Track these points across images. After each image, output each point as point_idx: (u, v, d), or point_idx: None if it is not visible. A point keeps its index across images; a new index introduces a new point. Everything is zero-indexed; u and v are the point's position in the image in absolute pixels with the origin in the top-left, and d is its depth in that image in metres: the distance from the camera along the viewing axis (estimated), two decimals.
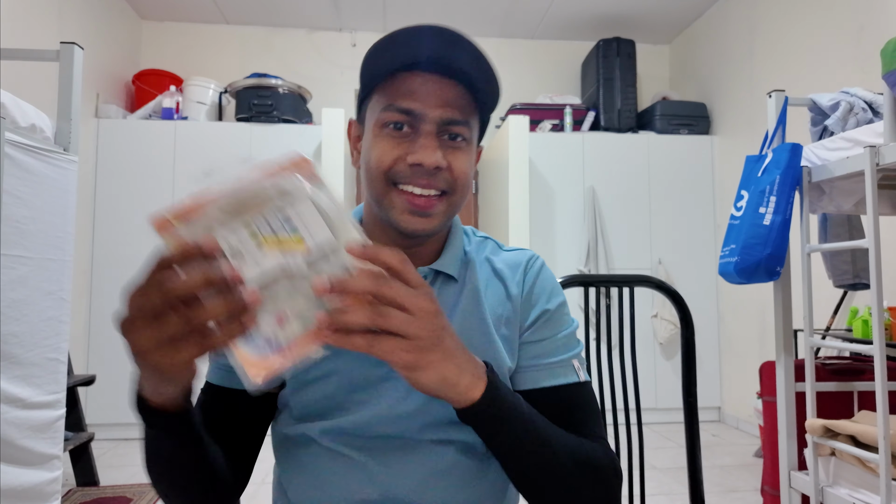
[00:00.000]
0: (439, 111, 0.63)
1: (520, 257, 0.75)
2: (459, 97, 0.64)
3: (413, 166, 0.62)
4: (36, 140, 1.48)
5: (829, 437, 1.47)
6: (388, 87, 0.64)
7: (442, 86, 0.63)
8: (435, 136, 0.63)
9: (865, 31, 2.61)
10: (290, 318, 0.44)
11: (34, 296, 1.46)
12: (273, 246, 0.44)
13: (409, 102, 0.62)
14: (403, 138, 0.63)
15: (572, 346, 0.71)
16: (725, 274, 1.66)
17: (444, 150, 0.63)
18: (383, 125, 0.64)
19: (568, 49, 4.28)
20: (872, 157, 1.38)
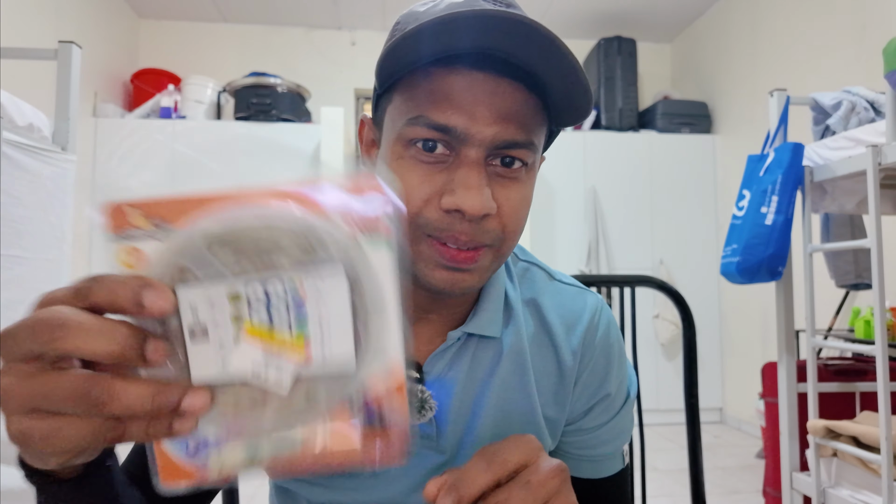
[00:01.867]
0: (492, 129, 0.44)
1: (579, 309, 0.57)
2: (523, 106, 0.45)
3: (452, 212, 0.44)
4: (33, 139, 1.47)
5: (831, 438, 1.46)
6: (418, 87, 0.45)
7: (497, 90, 0.44)
8: (483, 168, 0.45)
9: (868, 30, 2.60)
10: (242, 436, 0.29)
11: (31, 296, 1.45)
12: (257, 338, 0.27)
13: (447, 115, 0.44)
14: (437, 165, 0.45)
15: (626, 429, 0.59)
16: (727, 274, 1.65)
17: (493, 183, 0.46)
18: (408, 143, 0.45)
19: (569, 47, 4.27)
20: (875, 156, 1.37)
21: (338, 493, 0.55)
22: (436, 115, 0.44)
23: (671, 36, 4.29)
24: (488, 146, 0.45)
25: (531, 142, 0.46)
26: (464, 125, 0.44)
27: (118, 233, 0.28)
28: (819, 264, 2.20)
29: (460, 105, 0.44)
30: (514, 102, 0.45)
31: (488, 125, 0.44)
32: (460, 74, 0.44)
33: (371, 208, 0.28)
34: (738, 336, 3.53)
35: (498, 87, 0.44)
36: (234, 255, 0.27)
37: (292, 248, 0.27)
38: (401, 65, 0.46)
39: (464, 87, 0.44)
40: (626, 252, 3.65)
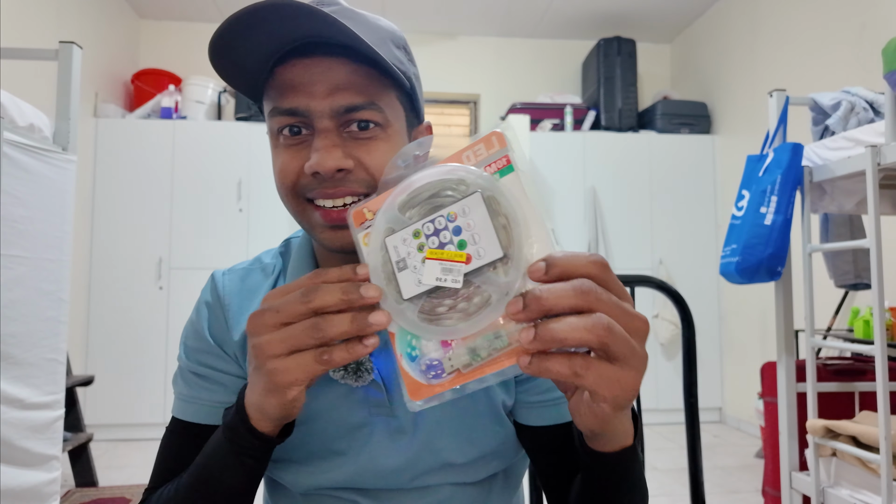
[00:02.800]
0: (328, 101, 0.51)
1: None
2: (352, 75, 0.52)
3: (314, 176, 0.52)
4: (34, 139, 1.47)
5: (831, 438, 1.46)
6: (270, 87, 0.53)
7: (327, 67, 0.51)
8: (335, 133, 0.52)
9: (867, 31, 2.60)
10: (456, 344, 0.39)
11: (32, 296, 1.46)
12: (435, 258, 0.38)
13: (291, 100, 0.51)
14: (302, 143, 0.53)
15: None
16: (727, 274, 1.66)
17: (351, 146, 0.52)
18: (277, 133, 0.54)
19: (568, 48, 4.27)
20: (874, 156, 1.37)
21: (315, 477, 0.60)
22: (283, 103, 0.52)
23: (671, 36, 4.29)
24: (332, 115, 0.52)
25: (372, 102, 0.53)
26: (305, 103, 0.51)
27: (359, 226, 0.41)
28: (818, 264, 2.21)
29: (300, 89, 0.51)
30: (344, 73, 0.51)
31: (325, 98, 0.51)
32: (294, 66, 0.52)
33: (497, 153, 0.39)
34: (738, 336, 3.53)
35: (329, 65, 0.51)
36: (415, 209, 0.39)
37: (448, 192, 0.39)
38: (248, 76, 0.54)
39: (299, 73, 0.52)
40: (626, 252, 3.66)
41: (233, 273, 0.65)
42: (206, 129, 3.47)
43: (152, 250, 3.35)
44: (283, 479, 0.61)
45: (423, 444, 0.59)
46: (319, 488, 0.60)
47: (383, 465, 0.59)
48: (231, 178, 3.45)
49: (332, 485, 0.60)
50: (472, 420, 0.60)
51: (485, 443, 0.61)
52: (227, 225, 3.41)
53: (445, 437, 0.60)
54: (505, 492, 0.66)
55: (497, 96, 4.20)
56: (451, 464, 0.60)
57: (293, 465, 0.60)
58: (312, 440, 0.59)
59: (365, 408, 0.59)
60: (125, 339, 3.28)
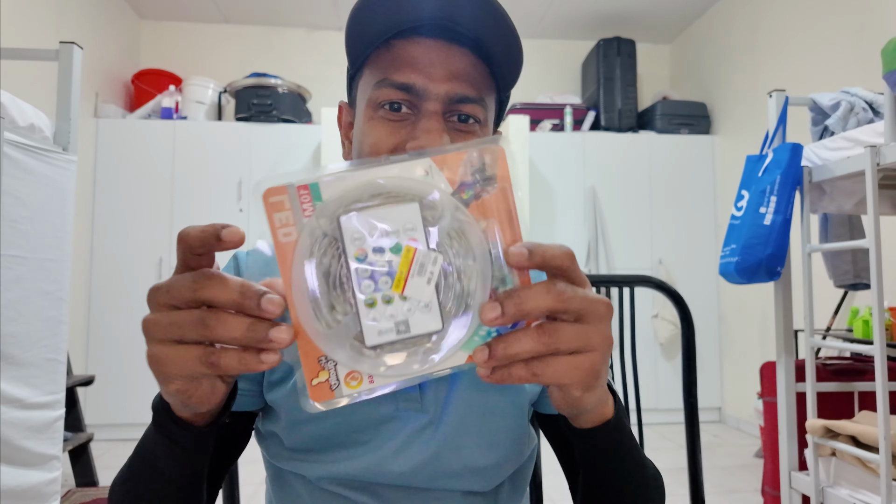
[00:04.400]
0: (446, 85, 0.51)
1: None
2: (471, 68, 0.53)
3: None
4: (35, 140, 1.47)
5: (830, 438, 1.46)
6: (382, 58, 0.53)
7: (449, 54, 0.52)
8: (441, 118, 0.52)
9: (866, 31, 2.60)
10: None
11: (32, 296, 1.46)
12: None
13: (407, 75, 0.51)
14: (403, 121, 0.53)
15: None
16: (726, 274, 1.66)
17: (452, 134, 0.53)
18: (377, 106, 0.53)
19: (568, 48, 4.27)
20: (873, 156, 1.37)
21: (331, 466, 0.58)
22: (398, 76, 0.52)
23: (670, 37, 4.29)
24: (444, 100, 0.52)
25: (482, 98, 0.53)
26: (422, 82, 0.51)
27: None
28: (817, 264, 2.21)
29: (418, 67, 0.51)
30: (464, 64, 0.52)
31: (443, 82, 0.51)
32: (417, 43, 0.52)
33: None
34: (737, 336, 3.53)
35: (450, 51, 0.52)
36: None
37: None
38: (365, 41, 0.53)
39: (420, 52, 0.52)
40: (626, 252, 3.66)
41: (256, 254, 0.63)
42: (207, 130, 3.48)
43: (153, 250, 3.35)
44: (294, 469, 0.60)
45: (446, 441, 0.58)
46: (332, 479, 0.59)
47: (403, 461, 0.57)
48: (231, 179, 3.45)
49: (346, 476, 0.59)
50: (499, 421, 0.60)
51: (505, 444, 0.60)
52: None
53: (470, 436, 0.59)
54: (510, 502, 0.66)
55: None
56: (471, 467, 0.59)
57: (312, 452, 0.59)
58: (337, 429, 0.58)
59: (394, 402, 0.59)
60: (125, 339, 3.28)
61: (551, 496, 2.40)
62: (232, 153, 3.46)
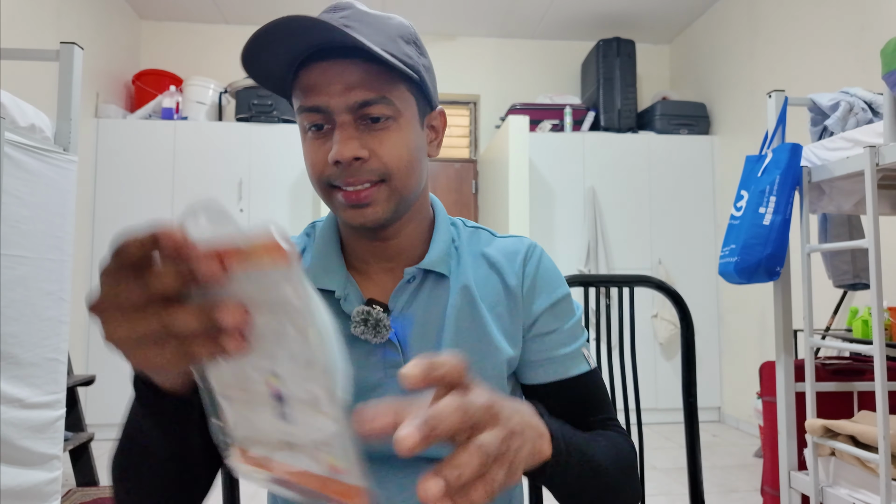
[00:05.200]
0: (343, 98, 0.57)
1: (517, 246, 0.71)
2: (365, 74, 0.58)
3: (336, 164, 0.59)
4: (35, 140, 1.47)
5: (829, 438, 1.46)
6: (295, 86, 0.61)
7: (342, 68, 0.57)
8: (352, 126, 0.59)
9: (866, 31, 2.61)
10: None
11: (33, 296, 1.46)
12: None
13: (313, 99, 0.58)
14: (325, 137, 0.60)
15: (579, 335, 0.69)
16: (725, 274, 1.66)
17: (366, 137, 0.59)
18: (305, 129, 0.61)
19: (568, 49, 4.28)
20: (872, 157, 1.38)
21: None
22: (306, 102, 0.59)
23: (670, 37, 4.30)
24: (348, 110, 0.58)
25: (382, 97, 0.59)
26: (325, 101, 0.58)
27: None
28: (817, 264, 2.21)
29: (319, 89, 0.58)
30: (356, 73, 0.58)
31: (341, 95, 0.57)
32: (315, 68, 0.58)
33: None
34: (737, 336, 3.53)
35: (342, 67, 0.58)
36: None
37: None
38: (277, 77, 0.61)
39: (319, 75, 0.58)
40: (625, 252, 3.66)
41: None
42: (207, 130, 3.48)
43: None
44: None
45: None
46: None
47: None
48: (232, 179, 3.45)
49: None
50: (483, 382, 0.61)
51: None
52: None
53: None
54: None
55: (497, 97, 4.21)
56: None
57: None
58: None
59: (381, 369, 0.63)
60: None
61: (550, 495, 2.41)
62: (232, 153, 3.46)
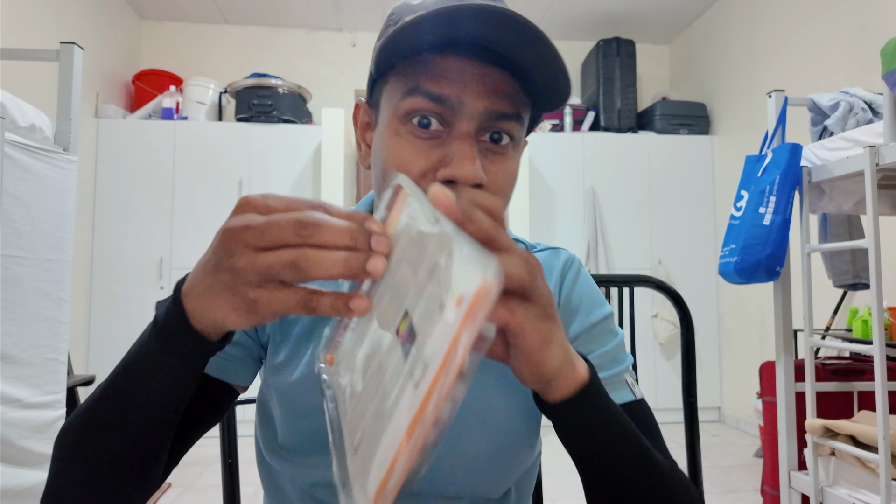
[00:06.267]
0: (484, 101, 0.48)
1: (552, 262, 0.64)
2: (509, 86, 0.49)
3: (446, 183, 0.47)
4: (35, 140, 1.47)
5: (829, 437, 1.46)
6: (414, 66, 0.49)
7: (485, 71, 0.48)
8: (474, 139, 0.49)
9: (866, 31, 2.61)
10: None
11: (33, 296, 1.46)
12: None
13: (442, 87, 0.48)
14: (433, 140, 0.49)
15: (622, 360, 0.60)
16: (725, 274, 1.66)
17: (483, 157, 0.49)
18: (405, 118, 0.49)
19: (568, 49, 4.28)
20: (872, 157, 1.38)
21: (325, 471, 0.56)
22: (432, 87, 0.48)
23: (670, 37, 4.30)
24: (480, 117, 0.48)
25: (518, 114, 0.50)
26: (458, 95, 0.48)
27: None
28: (817, 264, 2.21)
29: (454, 79, 0.48)
30: (501, 82, 0.49)
31: (480, 98, 0.48)
32: (453, 59, 0.48)
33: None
34: (737, 336, 3.53)
35: (486, 69, 0.48)
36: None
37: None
38: (400, 52, 0.49)
39: (456, 67, 0.48)
40: (625, 252, 3.66)
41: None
42: (207, 130, 3.48)
43: (153, 250, 3.35)
44: (286, 472, 0.59)
45: (445, 442, 0.55)
46: (326, 485, 0.57)
47: None
48: (232, 179, 3.45)
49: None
50: (501, 420, 0.58)
51: (510, 445, 0.58)
52: None
53: (470, 436, 0.56)
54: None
55: None
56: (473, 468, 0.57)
57: (303, 455, 0.57)
58: (323, 430, 0.54)
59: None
60: (126, 339, 3.28)
61: (551, 496, 2.40)
62: (232, 153, 3.46)
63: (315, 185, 3.48)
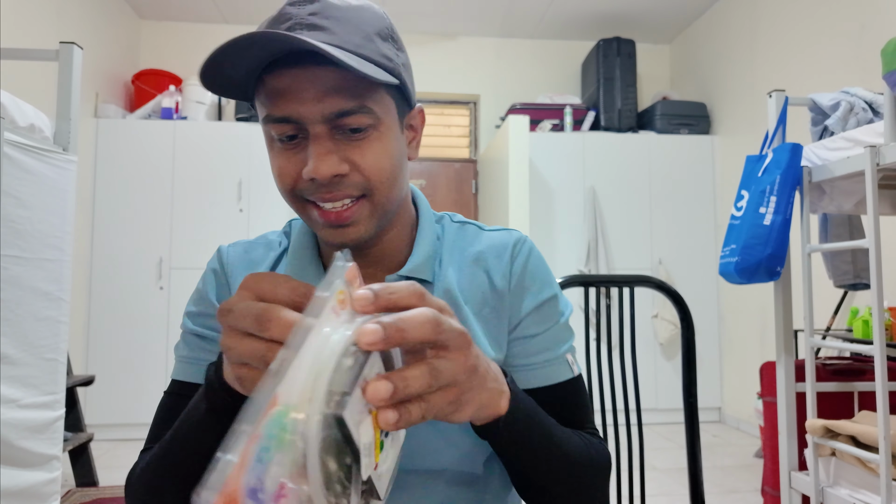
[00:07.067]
0: (320, 107, 0.52)
1: (505, 240, 0.66)
2: (341, 81, 0.52)
3: (311, 181, 0.54)
4: (35, 140, 1.47)
5: (830, 438, 1.46)
6: (259, 92, 0.54)
7: (315, 75, 0.51)
8: (328, 138, 0.53)
9: (866, 31, 2.61)
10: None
11: (32, 296, 1.46)
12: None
13: (282, 108, 0.52)
14: (297, 149, 0.55)
15: (565, 339, 0.65)
16: (726, 274, 1.66)
17: (345, 149, 0.54)
18: (272, 139, 0.56)
19: (568, 49, 4.28)
20: (873, 156, 1.37)
21: None
22: (275, 111, 0.53)
23: (670, 37, 4.29)
24: (324, 120, 0.53)
25: (362, 106, 0.53)
26: (296, 111, 0.52)
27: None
28: (817, 264, 2.21)
29: (289, 96, 0.52)
30: (331, 79, 0.52)
31: (315, 104, 0.52)
32: (284, 74, 0.52)
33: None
34: (737, 336, 3.53)
35: (316, 74, 0.52)
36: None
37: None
38: (233, 86, 0.54)
39: (289, 82, 0.52)
40: (625, 252, 3.66)
41: (237, 246, 0.68)
42: (207, 130, 3.48)
43: (153, 250, 3.35)
44: None
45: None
46: None
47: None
48: (231, 179, 3.45)
49: None
50: None
51: None
52: (228, 225, 3.42)
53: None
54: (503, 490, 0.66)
55: (497, 97, 4.21)
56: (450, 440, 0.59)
57: None
58: None
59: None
60: (125, 339, 3.28)
61: None
62: (232, 153, 3.46)
63: None
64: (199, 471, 0.44)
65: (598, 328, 1.03)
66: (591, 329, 1.07)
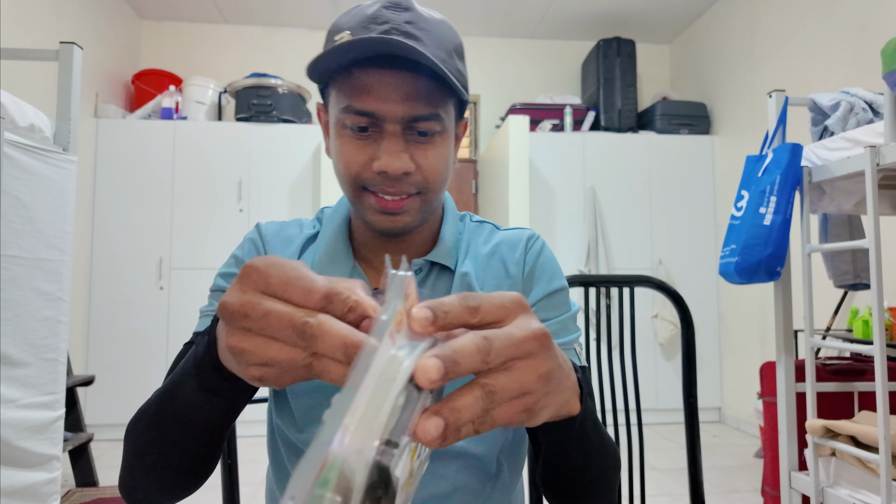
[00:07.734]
0: (401, 109, 0.58)
1: (519, 235, 0.72)
2: (422, 89, 0.58)
3: (380, 173, 0.59)
4: (35, 140, 1.47)
5: (830, 438, 1.46)
6: (345, 83, 0.59)
7: (401, 80, 0.57)
8: (401, 137, 0.59)
9: (866, 31, 2.61)
10: None
11: (32, 296, 1.46)
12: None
13: (366, 103, 0.58)
14: (367, 140, 0.60)
15: (573, 330, 0.68)
16: (726, 274, 1.66)
17: (412, 149, 0.60)
18: (344, 126, 0.60)
19: (568, 49, 4.28)
20: (873, 157, 1.37)
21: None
22: (359, 104, 0.58)
23: (670, 37, 4.29)
24: (401, 121, 0.58)
25: (436, 114, 0.60)
26: (379, 108, 0.58)
27: None
28: (817, 264, 2.21)
29: (376, 94, 0.58)
30: (415, 87, 0.58)
31: (398, 106, 0.58)
32: (373, 73, 0.58)
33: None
34: (737, 336, 3.53)
35: (402, 78, 0.57)
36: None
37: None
38: (326, 72, 0.60)
39: (377, 80, 0.58)
40: (625, 252, 3.66)
41: (273, 224, 0.73)
42: (207, 130, 3.48)
43: (153, 250, 3.35)
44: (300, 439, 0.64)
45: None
46: None
47: None
48: (231, 179, 3.45)
49: None
50: None
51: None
52: (228, 225, 3.42)
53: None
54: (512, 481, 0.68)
55: (497, 97, 4.21)
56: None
57: (312, 424, 0.63)
58: (319, 402, 0.62)
59: None
60: (125, 339, 3.28)
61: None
62: (232, 153, 3.46)
63: (315, 184, 3.48)
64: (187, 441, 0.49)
65: (598, 328, 1.03)
66: (591, 329, 1.07)
